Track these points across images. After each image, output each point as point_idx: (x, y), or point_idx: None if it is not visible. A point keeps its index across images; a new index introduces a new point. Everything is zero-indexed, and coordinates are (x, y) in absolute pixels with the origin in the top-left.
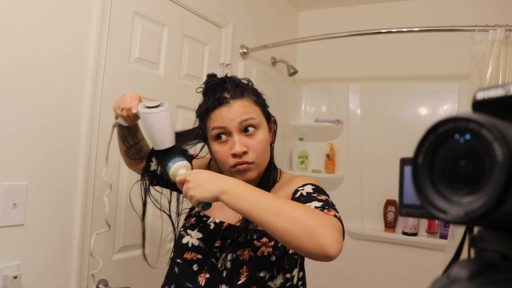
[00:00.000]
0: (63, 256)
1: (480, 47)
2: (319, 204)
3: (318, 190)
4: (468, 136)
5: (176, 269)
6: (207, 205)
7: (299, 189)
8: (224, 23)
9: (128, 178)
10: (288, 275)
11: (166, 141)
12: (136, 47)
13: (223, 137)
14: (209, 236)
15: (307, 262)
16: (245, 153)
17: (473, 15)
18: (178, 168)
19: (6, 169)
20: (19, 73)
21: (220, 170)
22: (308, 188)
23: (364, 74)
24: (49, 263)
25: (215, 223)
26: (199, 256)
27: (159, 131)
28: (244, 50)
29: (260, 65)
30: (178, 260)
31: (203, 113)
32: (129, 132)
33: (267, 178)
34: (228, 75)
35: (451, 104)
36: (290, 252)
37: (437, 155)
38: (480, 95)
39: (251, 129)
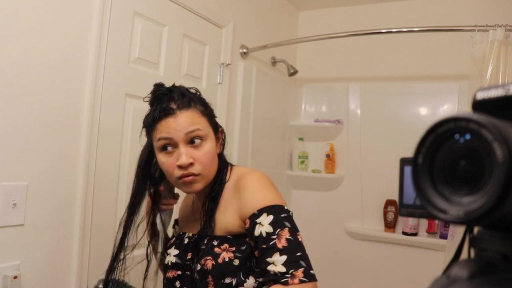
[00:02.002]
0: (63, 256)
1: (480, 47)
2: (281, 264)
3: (276, 220)
4: (468, 136)
5: None
6: None
7: (257, 221)
8: (224, 23)
9: (128, 181)
10: (261, 279)
11: None
12: (136, 47)
13: (169, 148)
14: (184, 250)
15: None
16: (191, 164)
17: (473, 15)
18: None
19: (6, 169)
20: (19, 73)
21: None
22: (265, 224)
23: (364, 74)
24: (49, 263)
25: (188, 237)
26: (179, 272)
27: None
28: (244, 50)
29: (260, 65)
30: (164, 281)
31: (150, 123)
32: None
33: (218, 185)
34: (228, 75)
35: (451, 104)
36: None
37: (437, 155)
38: (480, 95)
39: (197, 140)
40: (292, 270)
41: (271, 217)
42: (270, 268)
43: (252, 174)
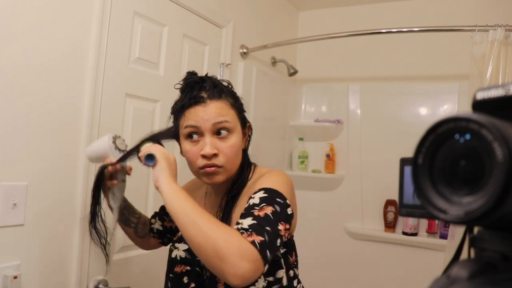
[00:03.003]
0: (63, 256)
1: (480, 47)
2: (248, 223)
3: (268, 198)
4: (468, 136)
5: (169, 284)
6: (149, 156)
7: (252, 196)
8: (224, 23)
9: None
10: (270, 278)
11: None
12: (136, 47)
13: (195, 136)
14: None
15: (306, 262)
16: (215, 155)
17: (473, 15)
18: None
19: (6, 169)
20: (19, 73)
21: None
22: (256, 197)
23: (364, 74)
24: (49, 263)
25: None
26: (188, 268)
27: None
28: (244, 50)
29: (260, 65)
30: (171, 275)
31: (178, 110)
32: (128, 213)
33: (240, 183)
34: (228, 75)
35: (451, 104)
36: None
37: (437, 155)
38: (480, 95)
39: (224, 132)
40: (253, 232)
41: (265, 195)
42: (236, 227)
43: (273, 170)
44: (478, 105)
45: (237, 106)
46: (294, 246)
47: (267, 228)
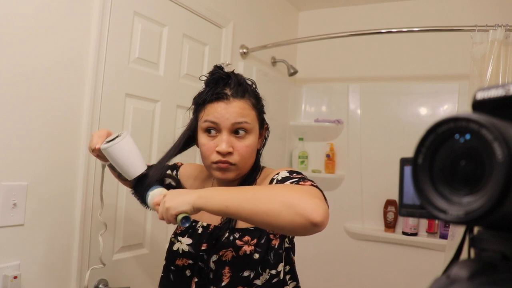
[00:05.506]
0: (63, 256)
1: (480, 47)
2: (293, 180)
3: (293, 172)
4: (468, 136)
5: (171, 276)
6: (185, 218)
7: (274, 177)
8: (224, 23)
9: None
10: (273, 271)
11: (134, 169)
12: (136, 47)
13: (213, 132)
14: (198, 240)
15: (306, 262)
16: (229, 153)
17: (473, 15)
18: (155, 195)
19: (6, 169)
20: (20, 72)
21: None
22: (283, 173)
23: (364, 74)
24: (49, 263)
25: (202, 226)
26: (190, 262)
27: (122, 162)
28: (244, 50)
29: (260, 65)
30: (172, 267)
31: (200, 103)
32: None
33: (250, 180)
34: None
35: (451, 104)
36: (276, 246)
37: (437, 155)
38: (480, 95)
39: (241, 132)
40: (303, 180)
41: (287, 174)
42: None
43: (282, 168)
44: (478, 105)
45: (258, 107)
46: (295, 246)
47: (309, 178)
